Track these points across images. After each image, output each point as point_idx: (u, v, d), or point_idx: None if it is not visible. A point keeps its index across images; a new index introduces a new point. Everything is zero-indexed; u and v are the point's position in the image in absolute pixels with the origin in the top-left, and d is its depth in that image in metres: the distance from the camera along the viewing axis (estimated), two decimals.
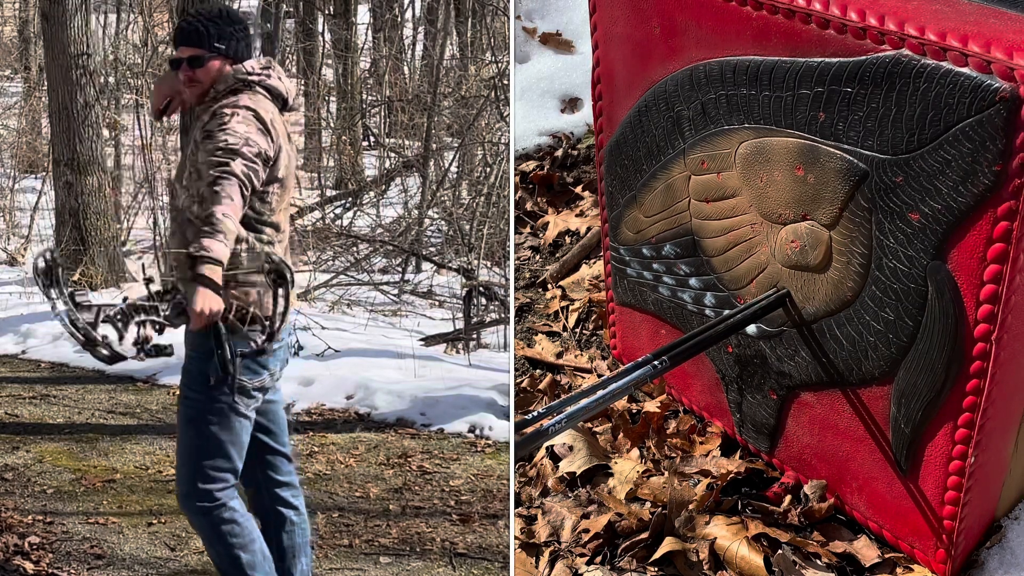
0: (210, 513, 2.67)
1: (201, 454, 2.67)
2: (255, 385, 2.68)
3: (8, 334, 6.02)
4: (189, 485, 2.67)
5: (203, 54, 2.62)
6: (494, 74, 8.31)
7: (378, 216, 9.29)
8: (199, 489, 2.66)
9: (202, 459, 2.66)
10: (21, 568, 3.34)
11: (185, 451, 2.69)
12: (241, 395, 2.67)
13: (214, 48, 2.62)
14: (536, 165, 4.64)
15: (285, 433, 2.87)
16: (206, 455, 2.66)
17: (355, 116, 11.23)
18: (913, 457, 2.58)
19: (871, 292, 2.49)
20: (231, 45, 2.64)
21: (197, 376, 2.66)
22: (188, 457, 2.68)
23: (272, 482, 2.84)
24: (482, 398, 4.90)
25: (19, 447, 4.36)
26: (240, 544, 2.69)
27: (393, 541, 3.62)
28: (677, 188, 2.92)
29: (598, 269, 3.99)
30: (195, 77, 2.63)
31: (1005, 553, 2.70)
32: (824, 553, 2.76)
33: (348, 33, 11.56)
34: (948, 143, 2.20)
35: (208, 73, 2.63)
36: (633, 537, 2.83)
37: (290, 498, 2.86)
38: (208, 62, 2.63)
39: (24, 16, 12.51)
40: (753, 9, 2.49)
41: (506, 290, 6.25)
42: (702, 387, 3.17)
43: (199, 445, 2.67)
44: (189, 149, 2.65)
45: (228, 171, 2.48)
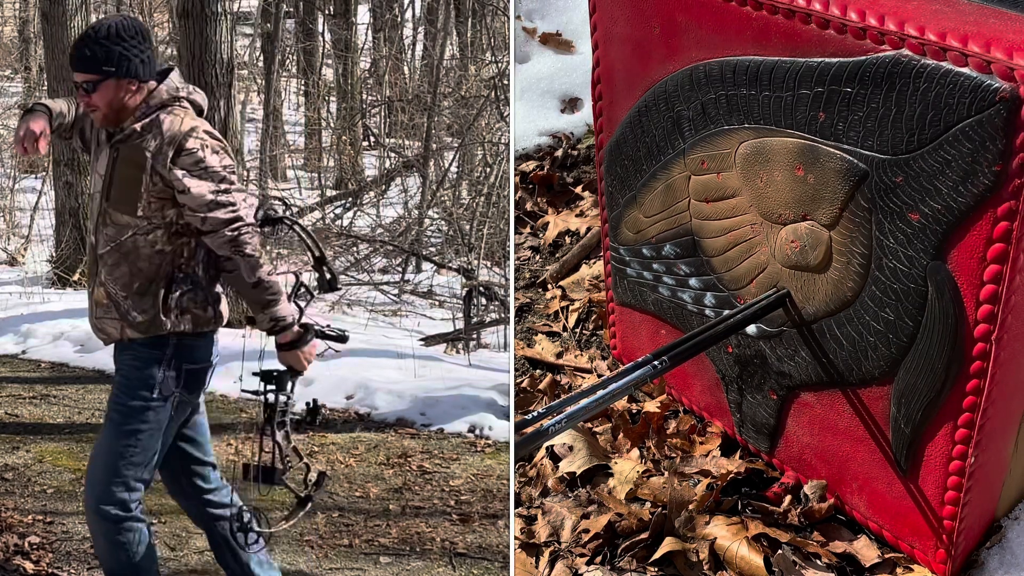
0: (121, 523, 2.67)
1: (127, 463, 2.65)
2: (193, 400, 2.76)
3: (8, 334, 6.03)
4: (105, 493, 2.65)
5: (95, 79, 2.55)
6: (494, 74, 8.31)
7: (378, 216, 9.29)
8: (117, 498, 2.65)
9: (127, 468, 2.65)
10: (21, 568, 3.34)
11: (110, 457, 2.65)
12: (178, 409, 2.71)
13: (103, 71, 2.55)
14: (536, 165, 4.64)
15: (209, 443, 2.92)
16: (131, 465, 2.66)
17: (355, 116, 11.23)
18: (913, 457, 2.58)
19: (871, 292, 2.49)
20: (123, 65, 2.56)
21: (139, 384, 2.66)
22: (112, 464, 2.65)
23: (201, 491, 2.86)
24: (482, 398, 4.90)
25: (19, 447, 4.36)
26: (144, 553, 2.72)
27: (393, 541, 3.62)
28: (677, 188, 2.92)
29: (598, 269, 3.99)
30: (91, 102, 2.57)
31: (1005, 553, 2.70)
32: (824, 553, 2.76)
33: (348, 33, 11.57)
34: (948, 143, 2.20)
35: (104, 97, 2.56)
36: (633, 537, 2.83)
37: (223, 500, 2.87)
38: (100, 85, 2.55)
39: (24, 16, 12.51)
40: (753, 9, 2.49)
41: (506, 290, 6.25)
42: (702, 387, 3.17)
43: (127, 454, 2.66)
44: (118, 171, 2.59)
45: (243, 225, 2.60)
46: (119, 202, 2.59)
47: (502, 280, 6.84)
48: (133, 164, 2.57)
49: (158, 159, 2.55)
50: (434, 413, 4.84)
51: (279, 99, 11.68)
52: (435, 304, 7.62)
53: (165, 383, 2.67)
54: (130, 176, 2.57)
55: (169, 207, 2.59)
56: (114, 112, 2.59)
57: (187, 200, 2.56)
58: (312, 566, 3.43)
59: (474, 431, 4.67)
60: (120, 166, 2.59)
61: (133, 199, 2.58)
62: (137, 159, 2.56)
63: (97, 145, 2.69)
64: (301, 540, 3.61)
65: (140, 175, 2.56)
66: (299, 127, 12.71)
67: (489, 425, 4.68)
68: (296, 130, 12.66)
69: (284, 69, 12.50)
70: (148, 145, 2.56)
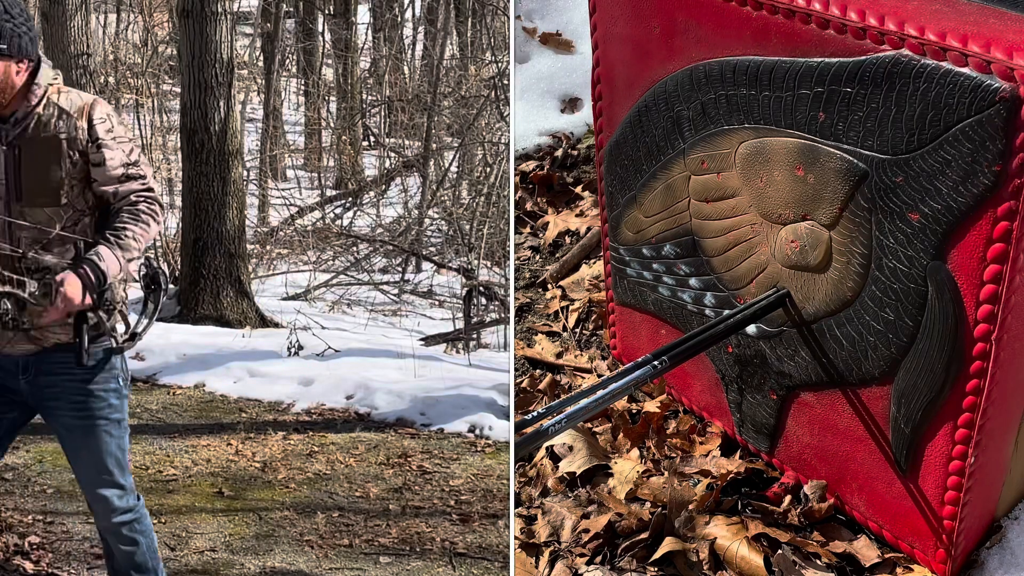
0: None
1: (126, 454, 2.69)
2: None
3: None
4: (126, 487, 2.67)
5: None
6: (494, 74, 8.31)
7: (378, 216, 9.30)
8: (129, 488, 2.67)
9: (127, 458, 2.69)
10: (21, 568, 3.34)
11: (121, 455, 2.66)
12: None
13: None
14: (536, 165, 4.64)
15: None
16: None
17: (355, 116, 11.24)
18: (913, 457, 2.58)
19: (871, 292, 2.49)
20: (12, 43, 2.43)
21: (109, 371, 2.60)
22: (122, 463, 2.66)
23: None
24: (482, 398, 4.90)
25: (19, 447, 4.35)
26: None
27: (393, 541, 3.62)
28: (677, 188, 2.92)
29: (598, 269, 3.99)
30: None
31: (1005, 553, 2.70)
32: (824, 553, 2.76)
33: (348, 33, 11.57)
34: (948, 143, 2.20)
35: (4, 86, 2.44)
36: (633, 537, 2.83)
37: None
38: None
39: None
40: (753, 9, 2.49)
41: (506, 290, 6.25)
42: (702, 387, 3.17)
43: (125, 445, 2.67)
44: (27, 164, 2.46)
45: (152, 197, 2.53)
46: (36, 196, 2.47)
47: (502, 280, 6.84)
48: (45, 151, 2.47)
49: (75, 136, 2.47)
50: (434, 413, 4.84)
51: (279, 99, 11.69)
52: (435, 304, 7.63)
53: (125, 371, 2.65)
54: (45, 165, 2.47)
55: (88, 190, 2.52)
56: (3, 95, 2.47)
57: (100, 173, 2.49)
58: (312, 566, 3.43)
59: (474, 431, 4.67)
60: (28, 159, 2.47)
61: (54, 188, 2.47)
62: (48, 145, 2.47)
63: None
64: (301, 540, 3.61)
65: (57, 160, 2.46)
66: (299, 127, 12.71)
67: (489, 425, 4.68)
68: (296, 130, 12.66)
69: (284, 69, 12.50)
70: (58, 128, 2.48)
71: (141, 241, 2.50)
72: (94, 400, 2.57)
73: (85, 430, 2.59)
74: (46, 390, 2.57)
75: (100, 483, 2.62)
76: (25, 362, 2.55)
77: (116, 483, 2.63)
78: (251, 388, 5.22)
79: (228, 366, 5.46)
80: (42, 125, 2.48)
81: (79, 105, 2.50)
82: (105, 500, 2.63)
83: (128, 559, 2.71)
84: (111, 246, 2.46)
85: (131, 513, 2.67)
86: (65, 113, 2.49)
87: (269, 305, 6.79)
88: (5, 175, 2.47)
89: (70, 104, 2.50)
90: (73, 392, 2.56)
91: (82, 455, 2.62)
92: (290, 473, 4.19)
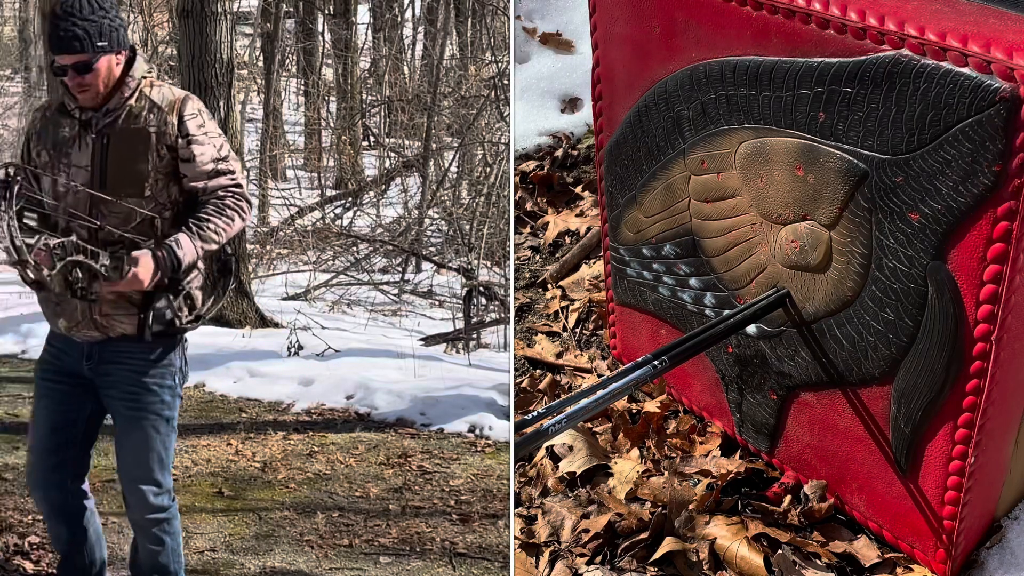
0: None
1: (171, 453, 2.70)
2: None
3: (8, 334, 6.03)
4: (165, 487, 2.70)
5: (89, 59, 2.46)
6: (494, 74, 8.31)
7: (378, 216, 9.30)
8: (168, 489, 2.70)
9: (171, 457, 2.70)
10: (21, 568, 3.34)
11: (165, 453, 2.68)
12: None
13: (98, 48, 2.46)
14: (536, 165, 4.64)
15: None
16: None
17: (355, 116, 11.23)
18: (913, 457, 2.58)
19: (871, 292, 2.49)
20: (113, 38, 2.48)
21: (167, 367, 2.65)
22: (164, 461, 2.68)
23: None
24: (482, 398, 4.90)
25: (19, 447, 4.35)
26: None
27: (393, 541, 3.62)
28: (677, 188, 2.92)
29: (598, 269, 3.99)
30: (85, 82, 2.47)
31: (1005, 553, 2.70)
32: (824, 553, 2.76)
33: (348, 33, 11.56)
34: (948, 143, 2.20)
35: (98, 76, 2.48)
36: (633, 537, 2.83)
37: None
38: (96, 64, 2.47)
39: (24, 16, 12.51)
40: (753, 9, 2.49)
41: (506, 290, 6.25)
42: (702, 387, 3.17)
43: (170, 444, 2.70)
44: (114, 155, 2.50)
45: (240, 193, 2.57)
46: (122, 186, 2.51)
47: (502, 280, 6.84)
48: (133, 144, 2.51)
49: (164, 131, 2.51)
50: (434, 413, 4.84)
51: (279, 99, 11.68)
52: (435, 304, 7.63)
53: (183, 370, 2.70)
54: (132, 157, 2.51)
55: (173, 184, 2.56)
56: (107, 89, 2.51)
57: (190, 169, 2.54)
58: (312, 566, 3.43)
59: (474, 431, 4.67)
60: (116, 150, 2.51)
61: (139, 180, 2.51)
62: (138, 137, 2.51)
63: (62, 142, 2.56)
64: (301, 540, 3.61)
65: (144, 153, 2.51)
66: (299, 127, 12.70)
67: (489, 425, 4.68)
68: (296, 130, 12.66)
69: (284, 69, 12.49)
70: (148, 121, 2.52)
71: (222, 235, 2.55)
72: (147, 394, 2.61)
73: (133, 421, 2.63)
74: (104, 378, 2.62)
75: (139, 477, 2.65)
76: (89, 349, 2.60)
77: (155, 480, 2.66)
78: (251, 388, 5.22)
79: (228, 366, 5.46)
80: (132, 117, 2.52)
81: (170, 100, 2.54)
82: (141, 494, 2.66)
83: (152, 558, 2.74)
84: (192, 235, 2.51)
85: (164, 513, 2.70)
86: (156, 107, 2.53)
87: (269, 305, 6.79)
88: (91, 163, 2.51)
89: (162, 98, 2.54)
90: (128, 383, 2.60)
91: (126, 446, 2.66)
92: (290, 473, 4.19)
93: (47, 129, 2.59)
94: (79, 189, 2.50)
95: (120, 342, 2.59)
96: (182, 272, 2.51)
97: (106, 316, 2.55)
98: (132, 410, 2.62)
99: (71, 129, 2.55)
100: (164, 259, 2.47)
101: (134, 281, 2.46)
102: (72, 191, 2.51)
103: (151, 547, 2.72)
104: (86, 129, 2.54)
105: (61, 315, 2.58)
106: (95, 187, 2.50)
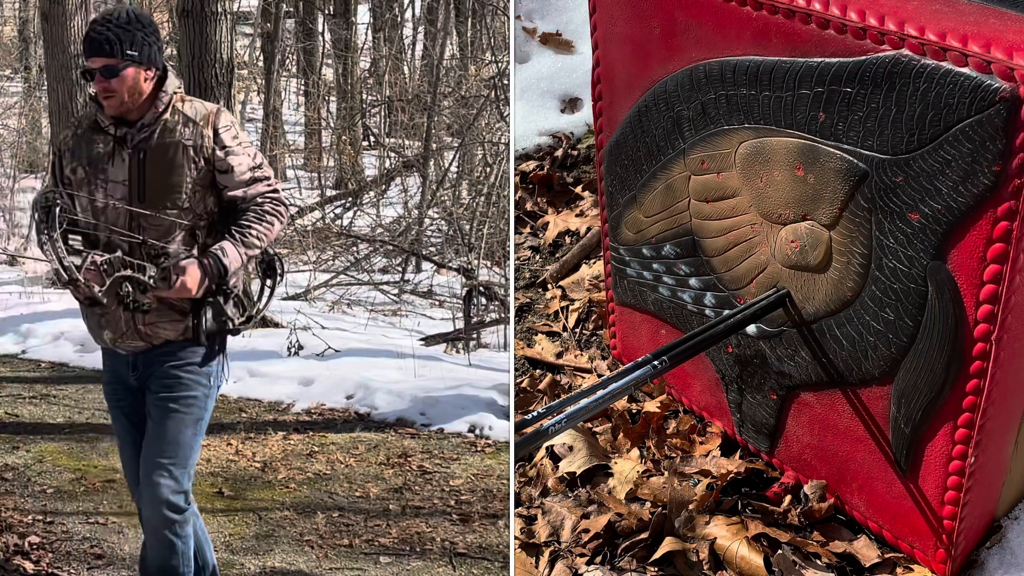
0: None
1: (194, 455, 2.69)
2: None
3: (8, 334, 6.03)
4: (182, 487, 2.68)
5: (116, 64, 2.51)
6: (494, 74, 8.31)
7: (378, 216, 9.29)
8: (185, 491, 2.68)
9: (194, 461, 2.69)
10: (21, 568, 3.34)
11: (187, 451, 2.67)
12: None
13: (127, 56, 2.52)
14: (536, 165, 4.64)
15: None
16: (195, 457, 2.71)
17: (355, 116, 11.23)
18: (913, 457, 2.58)
19: (871, 292, 2.49)
20: (143, 51, 2.54)
21: (203, 368, 2.68)
22: (186, 459, 2.67)
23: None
24: (482, 398, 4.90)
25: (19, 447, 4.36)
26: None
27: (393, 541, 3.62)
28: (677, 188, 2.92)
29: (598, 269, 3.99)
30: (110, 87, 2.53)
31: (1005, 553, 2.70)
32: (824, 553, 2.76)
33: (348, 33, 11.56)
34: (948, 143, 2.20)
35: (123, 83, 2.54)
36: (633, 537, 2.83)
37: None
38: (123, 71, 2.53)
39: (24, 16, 12.51)
40: (753, 9, 2.49)
41: (506, 290, 6.25)
42: (702, 387, 3.17)
43: (195, 446, 2.69)
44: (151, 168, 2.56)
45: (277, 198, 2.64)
46: (160, 198, 2.57)
47: (502, 280, 6.84)
48: (169, 157, 2.57)
49: (200, 144, 2.58)
50: (434, 413, 4.84)
51: (279, 99, 11.68)
52: (435, 304, 7.62)
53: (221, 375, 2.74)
54: (169, 170, 2.57)
55: (209, 195, 2.62)
56: (131, 100, 2.57)
57: (227, 180, 2.60)
58: (312, 566, 3.43)
59: (474, 431, 4.67)
60: (153, 163, 2.57)
61: (176, 192, 2.57)
62: (174, 151, 2.57)
63: (97, 158, 2.61)
64: (301, 540, 3.61)
65: (181, 166, 2.57)
66: (299, 127, 12.71)
67: (489, 425, 4.68)
68: (296, 130, 12.66)
69: (284, 69, 12.49)
70: (183, 134, 2.58)
71: (264, 240, 2.62)
72: (181, 388, 2.66)
73: (164, 415, 2.65)
74: (147, 379, 2.67)
75: (157, 469, 2.64)
76: (134, 360, 2.66)
77: (173, 475, 2.65)
78: (251, 388, 5.22)
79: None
80: (167, 132, 2.58)
81: (203, 113, 2.61)
82: (158, 488, 2.64)
83: (161, 560, 2.71)
84: (236, 243, 2.58)
85: (177, 514, 2.67)
86: (191, 121, 2.59)
87: (269, 305, 6.77)
88: (128, 178, 2.57)
89: (195, 112, 2.61)
90: (164, 377, 2.65)
91: (152, 439, 2.67)
92: (290, 473, 4.20)
93: (80, 146, 2.64)
94: (118, 204, 2.56)
95: (162, 347, 2.65)
96: (228, 276, 2.58)
97: (150, 325, 2.61)
98: (165, 403, 2.65)
99: (105, 145, 2.61)
100: (211, 267, 2.55)
101: (183, 290, 2.53)
102: (111, 206, 2.57)
103: (160, 549, 2.69)
104: (121, 145, 2.59)
105: (106, 327, 2.63)
106: (133, 201, 2.57)
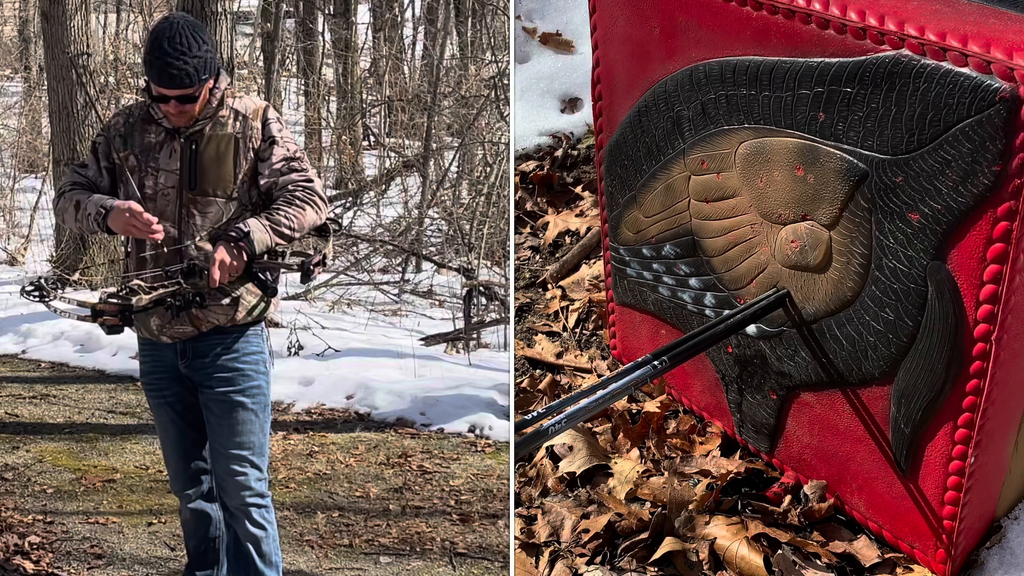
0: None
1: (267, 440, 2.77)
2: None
3: (8, 334, 6.03)
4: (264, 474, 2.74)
5: (195, 92, 2.59)
6: (494, 74, 8.30)
7: (378, 216, 9.28)
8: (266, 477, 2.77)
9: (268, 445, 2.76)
10: (21, 568, 3.34)
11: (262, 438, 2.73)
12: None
13: (202, 80, 2.59)
14: (536, 165, 4.64)
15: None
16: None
17: (355, 116, 11.23)
18: (913, 457, 2.58)
19: (871, 292, 2.49)
20: (211, 67, 2.61)
21: (258, 355, 2.73)
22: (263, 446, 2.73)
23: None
24: (482, 398, 4.90)
25: (19, 447, 4.36)
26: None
27: (393, 541, 3.62)
28: (677, 188, 2.92)
29: (598, 269, 3.99)
30: (186, 110, 2.61)
31: (1005, 553, 2.70)
32: (824, 553, 2.76)
33: (348, 33, 11.56)
34: (948, 143, 2.20)
35: (198, 103, 2.62)
36: (633, 537, 2.83)
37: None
38: (199, 95, 2.61)
39: (24, 16, 12.51)
40: (753, 9, 2.49)
41: (506, 290, 6.25)
42: (702, 387, 3.17)
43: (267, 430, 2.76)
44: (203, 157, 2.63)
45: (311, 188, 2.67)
46: (211, 185, 2.64)
47: (502, 280, 6.84)
48: (221, 148, 2.64)
49: (249, 135, 2.65)
50: (434, 413, 4.84)
51: (279, 99, 11.68)
52: (435, 304, 7.62)
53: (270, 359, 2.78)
54: (220, 160, 2.63)
55: (254, 187, 2.68)
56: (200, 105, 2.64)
57: (265, 167, 2.66)
58: (312, 566, 3.43)
59: (474, 431, 4.67)
60: (206, 154, 2.63)
61: (227, 181, 2.64)
62: (225, 142, 2.64)
63: (149, 147, 2.67)
64: (301, 540, 3.61)
65: (232, 156, 2.64)
66: (299, 127, 12.70)
67: (489, 425, 4.68)
68: (296, 130, 12.65)
69: (284, 69, 12.49)
70: (235, 128, 2.65)
71: (293, 220, 2.63)
72: (244, 379, 2.71)
73: (232, 406, 2.70)
74: (200, 371, 2.70)
75: (238, 461, 2.71)
76: (183, 347, 2.70)
77: (254, 464, 2.73)
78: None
79: None
80: (219, 124, 2.66)
81: (253, 108, 2.69)
82: (244, 478, 2.71)
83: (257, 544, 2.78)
84: (259, 217, 2.61)
85: (264, 499, 2.76)
86: (241, 115, 2.67)
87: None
88: (181, 166, 2.63)
89: (245, 107, 2.69)
90: (221, 370, 2.69)
91: (224, 431, 2.71)
92: (290, 473, 4.19)
93: (132, 135, 2.69)
94: (168, 191, 2.63)
95: (211, 335, 2.68)
96: (252, 239, 2.56)
97: (203, 309, 2.64)
98: (228, 396, 2.69)
99: (157, 135, 2.67)
100: (234, 236, 2.55)
101: (223, 270, 2.53)
102: (161, 193, 2.64)
103: (254, 531, 2.76)
104: (173, 137, 2.66)
105: (154, 314, 2.65)
106: (183, 188, 2.63)
